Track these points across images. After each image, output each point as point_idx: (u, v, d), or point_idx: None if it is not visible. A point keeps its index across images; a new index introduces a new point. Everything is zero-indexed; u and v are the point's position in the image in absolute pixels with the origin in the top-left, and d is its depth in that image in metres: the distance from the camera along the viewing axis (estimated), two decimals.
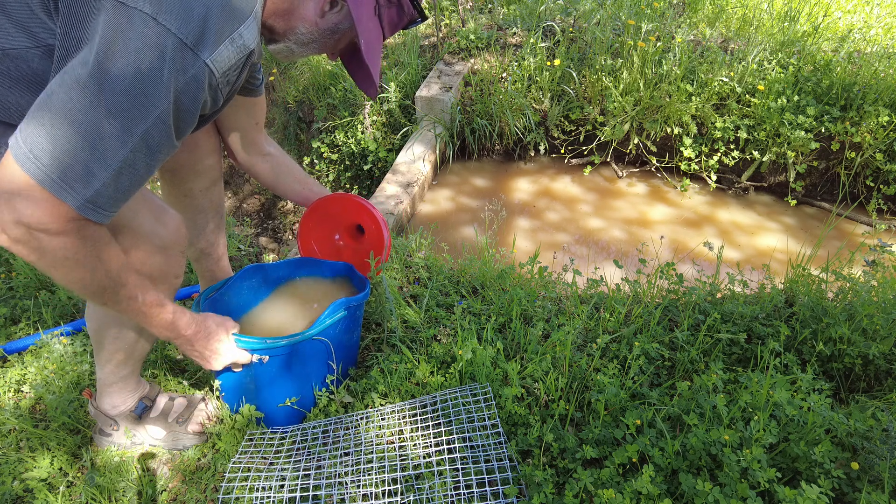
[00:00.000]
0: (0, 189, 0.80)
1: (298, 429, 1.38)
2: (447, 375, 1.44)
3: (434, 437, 1.29)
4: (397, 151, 3.49)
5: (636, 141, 3.40)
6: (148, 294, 1.02)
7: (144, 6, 0.80)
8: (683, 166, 3.34)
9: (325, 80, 3.90)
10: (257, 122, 1.41)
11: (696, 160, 3.32)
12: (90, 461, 1.36)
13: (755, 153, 3.20)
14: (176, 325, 1.10)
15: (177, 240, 1.14)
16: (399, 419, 1.36)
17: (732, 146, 3.26)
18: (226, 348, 1.21)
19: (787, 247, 2.73)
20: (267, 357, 1.28)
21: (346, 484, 1.21)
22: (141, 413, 1.35)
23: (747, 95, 3.21)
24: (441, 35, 3.92)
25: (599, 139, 3.42)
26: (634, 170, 3.48)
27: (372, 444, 1.29)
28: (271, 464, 1.29)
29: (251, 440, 1.36)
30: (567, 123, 3.51)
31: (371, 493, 1.19)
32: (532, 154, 3.58)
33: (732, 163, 3.24)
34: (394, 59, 3.80)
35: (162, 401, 1.40)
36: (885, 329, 1.45)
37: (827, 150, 3.11)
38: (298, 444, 1.34)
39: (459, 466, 1.22)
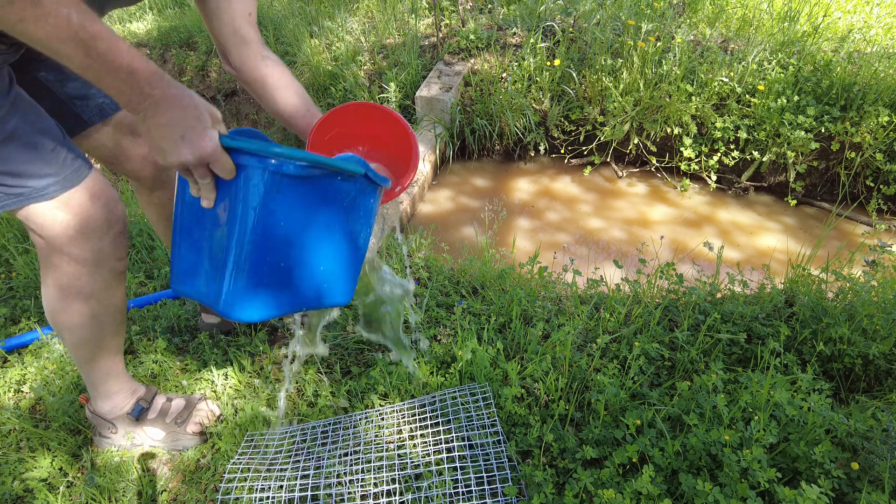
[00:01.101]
0: None
1: (298, 429, 1.38)
2: (447, 375, 1.44)
3: (434, 438, 1.29)
4: None
5: (636, 141, 3.40)
6: (85, 16, 0.73)
7: None
8: (683, 166, 3.34)
9: (325, 80, 3.90)
10: (250, 12, 1.22)
11: (696, 160, 3.32)
12: (90, 461, 1.36)
13: (755, 153, 3.20)
14: (135, 73, 0.78)
15: (113, 221, 1.09)
16: (399, 419, 1.36)
17: (732, 146, 3.26)
18: (207, 135, 0.85)
19: (787, 247, 2.73)
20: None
21: (346, 484, 1.21)
22: (138, 415, 1.34)
23: (747, 95, 3.21)
24: (441, 35, 3.92)
25: (599, 139, 3.42)
26: (634, 170, 3.48)
27: (371, 445, 1.29)
28: (271, 464, 1.29)
29: (251, 440, 1.36)
30: (567, 123, 3.51)
31: (371, 493, 1.19)
32: (532, 154, 3.58)
33: (732, 163, 3.24)
34: (394, 59, 3.80)
35: (159, 402, 1.40)
36: (885, 329, 1.45)
37: (827, 150, 3.11)
38: (298, 444, 1.34)
39: (459, 466, 1.22)
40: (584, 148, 3.51)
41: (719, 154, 3.25)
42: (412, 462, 1.24)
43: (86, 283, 1.12)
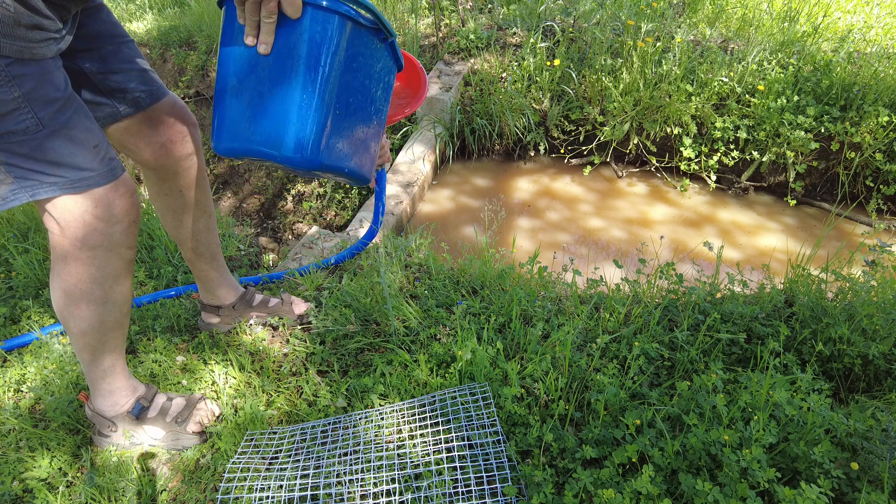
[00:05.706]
0: None
1: (298, 429, 1.38)
2: (447, 375, 1.45)
3: (433, 438, 1.29)
4: (397, 151, 3.49)
5: (636, 141, 3.40)
6: None
7: None
8: (683, 166, 3.34)
9: None
10: None
11: (696, 160, 3.32)
12: (90, 461, 1.36)
13: (755, 153, 3.20)
14: None
15: (123, 206, 1.12)
16: (398, 419, 1.36)
17: (732, 146, 3.26)
18: None
19: (787, 247, 2.74)
20: None
21: (346, 484, 1.21)
22: (138, 414, 1.35)
23: (747, 95, 3.21)
24: (441, 35, 3.92)
25: (599, 139, 3.42)
26: (634, 170, 3.49)
27: (371, 444, 1.29)
28: (271, 464, 1.29)
29: (251, 440, 1.36)
30: (567, 123, 3.51)
31: (371, 493, 1.19)
32: (532, 154, 3.58)
33: (732, 163, 3.24)
34: None
35: (160, 401, 1.40)
36: (885, 329, 1.45)
37: (827, 150, 3.11)
38: (298, 444, 1.34)
39: (458, 466, 1.22)
40: (584, 148, 3.51)
41: (719, 154, 3.25)
42: (412, 462, 1.24)
43: (95, 270, 1.14)
